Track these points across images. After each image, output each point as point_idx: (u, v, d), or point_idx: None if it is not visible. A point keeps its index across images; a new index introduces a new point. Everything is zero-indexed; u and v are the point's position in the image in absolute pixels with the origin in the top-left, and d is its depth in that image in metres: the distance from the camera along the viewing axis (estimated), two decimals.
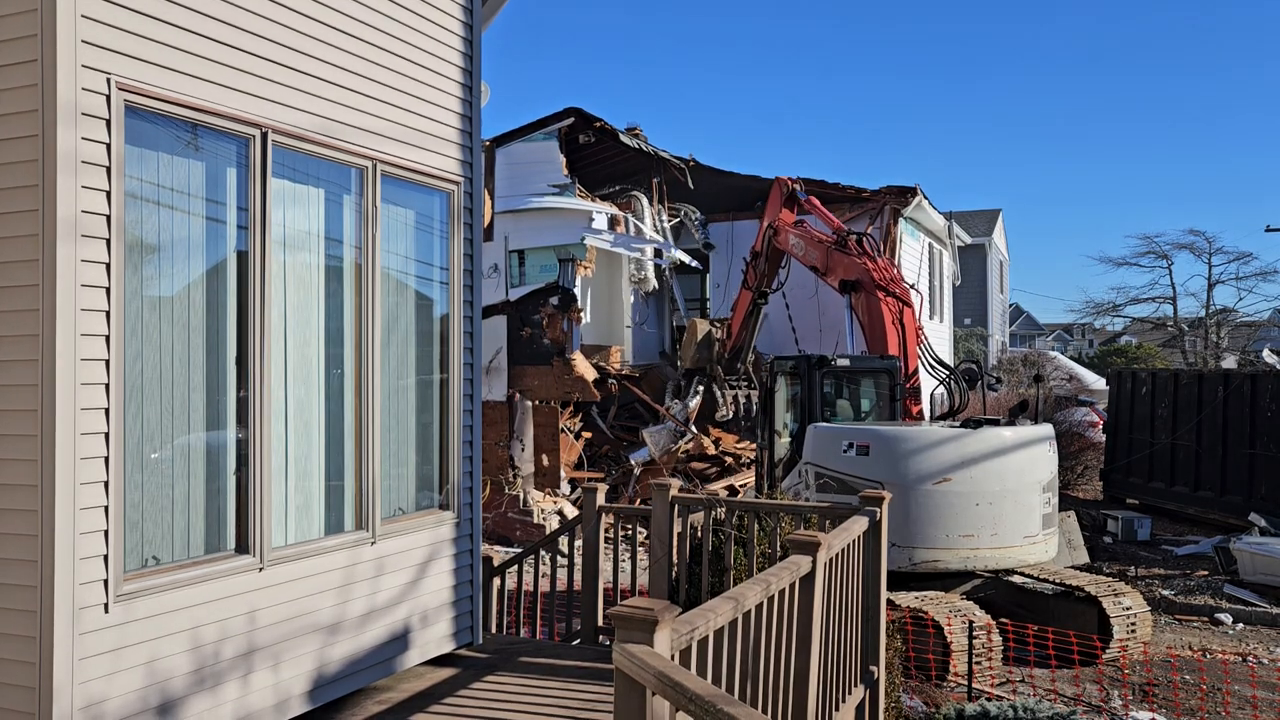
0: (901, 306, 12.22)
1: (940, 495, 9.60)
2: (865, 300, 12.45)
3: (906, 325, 12.16)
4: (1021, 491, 9.86)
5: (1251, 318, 45.17)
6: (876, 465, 9.80)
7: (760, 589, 3.86)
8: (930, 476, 9.64)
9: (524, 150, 18.80)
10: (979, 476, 9.69)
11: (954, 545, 9.63)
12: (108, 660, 4.14)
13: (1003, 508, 9.72)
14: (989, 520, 9.67)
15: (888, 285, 12.36)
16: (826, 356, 11.47)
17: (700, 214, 22.03)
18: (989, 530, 9.68)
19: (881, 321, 12.12)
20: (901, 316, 12.17)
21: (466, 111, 6.37)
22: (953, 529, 9.62)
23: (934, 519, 9.55)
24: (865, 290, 12.45)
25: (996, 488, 9.72)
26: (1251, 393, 15.53)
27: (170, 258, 4.60)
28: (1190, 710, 8.34)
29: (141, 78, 4.27)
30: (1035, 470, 10.03)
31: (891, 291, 12.29)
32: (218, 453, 4.79)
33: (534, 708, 5.36)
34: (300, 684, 5.08)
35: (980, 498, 9.66)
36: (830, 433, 10.45)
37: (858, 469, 9.88)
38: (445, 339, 6.29)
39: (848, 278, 12.79)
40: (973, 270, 37.82)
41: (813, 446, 10.55)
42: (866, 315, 12.42)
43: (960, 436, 9.80)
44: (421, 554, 5.97)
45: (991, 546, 9.71)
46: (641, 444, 17.38)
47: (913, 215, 21.86)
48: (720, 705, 2.56)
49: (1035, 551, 10.01)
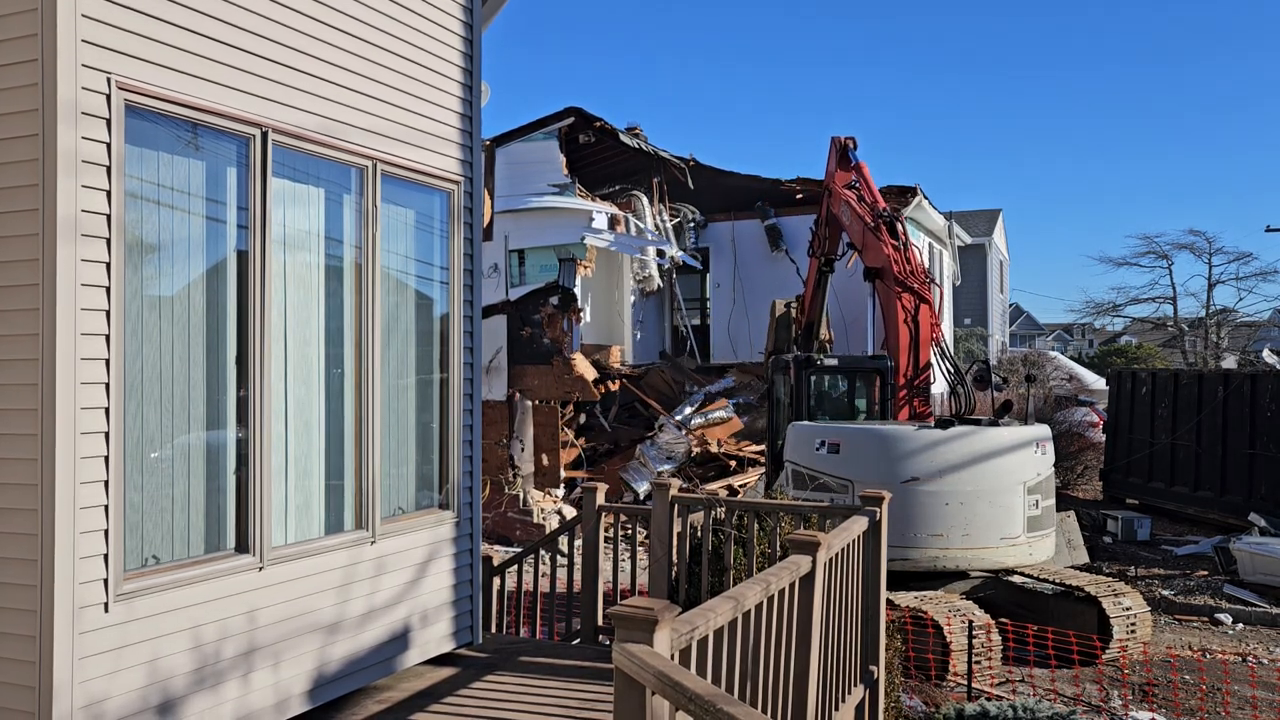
0: (918, 302, 12.08)
1: (909, 494, 9.60)
2: (884, 293, 12.35)
3: (922, 322, 12.01)
4: (999, 493, 9.78)
5: (1251, 318, 45.18)
6: (846, 463, 9.87)
7: (760, 588, 3.86)
8: (898, 475, 9.64)
9: (524, 150, 18.81)
10: (949, 476, 9.68)
11: (921, 544, 9.63)
12: (108, 659, 4.14)
13: (975, 508, 9.68)
14: (960, 520, 9.64)
15: (906, 279, 12.21)
16: (813, 356, 11.55)
17: (700, 214, 22.00)
18: (960, 530, 9.65)
19: (895, 318, 12.03)
20: (917, 313, 12.05)
21: (467, 111, 6.37)
22: (920, 528, 9.62)
23: (902, 517, 9.52)
24: (885, 282, 12.34)
25: (969, 488, 9.69)
26: (1251, 393, 15.54)
27: (170, 257, 4.60)
28: (1190, 710, 8.34)
29: (142, 77, 4.27)
30: (1018, 471, 9.95)
31: (910, 287, 12.13)
32: (218, 452, 4.79)
33: (534, 707, 5.36)
34: (300, 683, 5.08)
35: (950, 497, 9.64)
36: (807, 431, 10.58)
37: (829, 466, 9.98)
38: (445, 338, 6.29)
39: (873, 265, 12.63)
40: (973, 270, 37.84)
41: (792, 445, 10.68)
42: (885, 309, 12.33)
43: (932, 436, 9.80)
44: (421, 553, 5.98)
45: (962, 547, 9.68)
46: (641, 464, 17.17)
47: (913, 215, 21.87)
48: (720, 705, 2.56)
49: (1016, 554, 9.89)
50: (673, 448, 17.37)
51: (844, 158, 15.00)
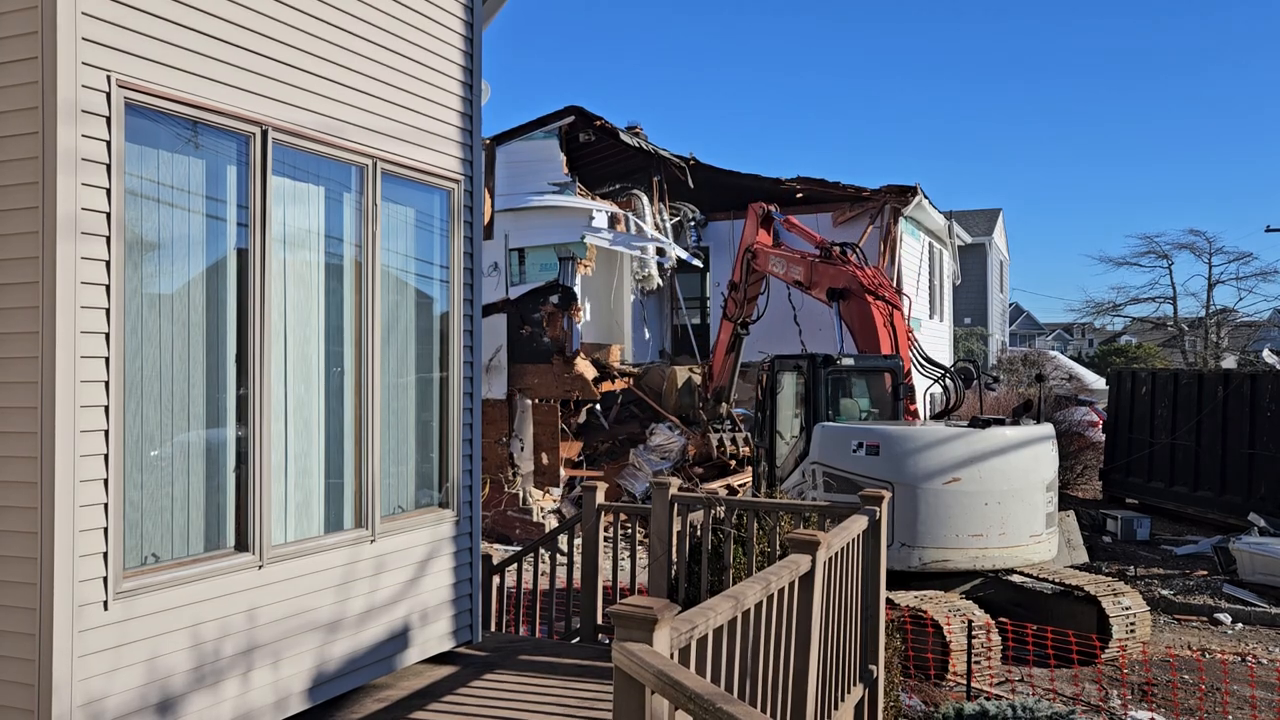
0: (890, 309, 12.28)
1: (950, 495, 9.62)
2: (855, 306, 12.47)
3: (897, 327, 12.23)
4: (1027, 490, 9.88)
5: (1251, 318, 45.11)
6: (886, 464, 9.81)
7: (760, 587, 3.86)
8: (939, 476, 9.65)
9: (524, 148, 18.79)
10: (987, 476, 9.71)
11: (963, 545, 9.65)
12: (108, 657, 4.14)
13: (1010, 507, 9.74)
14: (997, 520, 9.69)
15: (876, 289, 12.41)
16: (832, 355, 11.49)
17: (700, 213, 21.99)
18: (997, 530, 9.70)
19: (873, 324, 12.16)
20: (892, 319, 12.24)
21: (467, 110, 6.37)
22: (962, 529, 9.64)
23: (943, 519, 9.57)
24: (854, 296, 12.49)
25: (1004, 487, 9.74)
26: (1251, 393, 15.53)
27: (170, 255, 4.60)
28: (1189, 710, 8.34)
29: (142, 75, 4.27)
30: (1040, 469, 10.06)
31: (880, 295, 12.33)
32: (217, 450, 4.79)
33: (533, 705, 5.36)
34: (300, 681, 5.08)
35: (989, 497, 9.68)
36: (839, 432, 10.45)
37: (867, 469, 9.89)
38: (445, 337, 6.29)
39: (835, 285, 12.81)
40: (973, 270, 37.82)
41: (820, 446, 10.55)
42: (858, 320, 12.43)
43: (968, 436, 9.81)
44: (421, 552, 5.98)
45: (1000, 546, 9.74)
46: (636, 469, 17.16)
47: (913, 214, 21.85)
48: (720, 704, 2.56)
49: (1040, 550, 10.04)
50: (667, 449, 17.36)
51: (767, 220, 15.45)
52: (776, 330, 16.66)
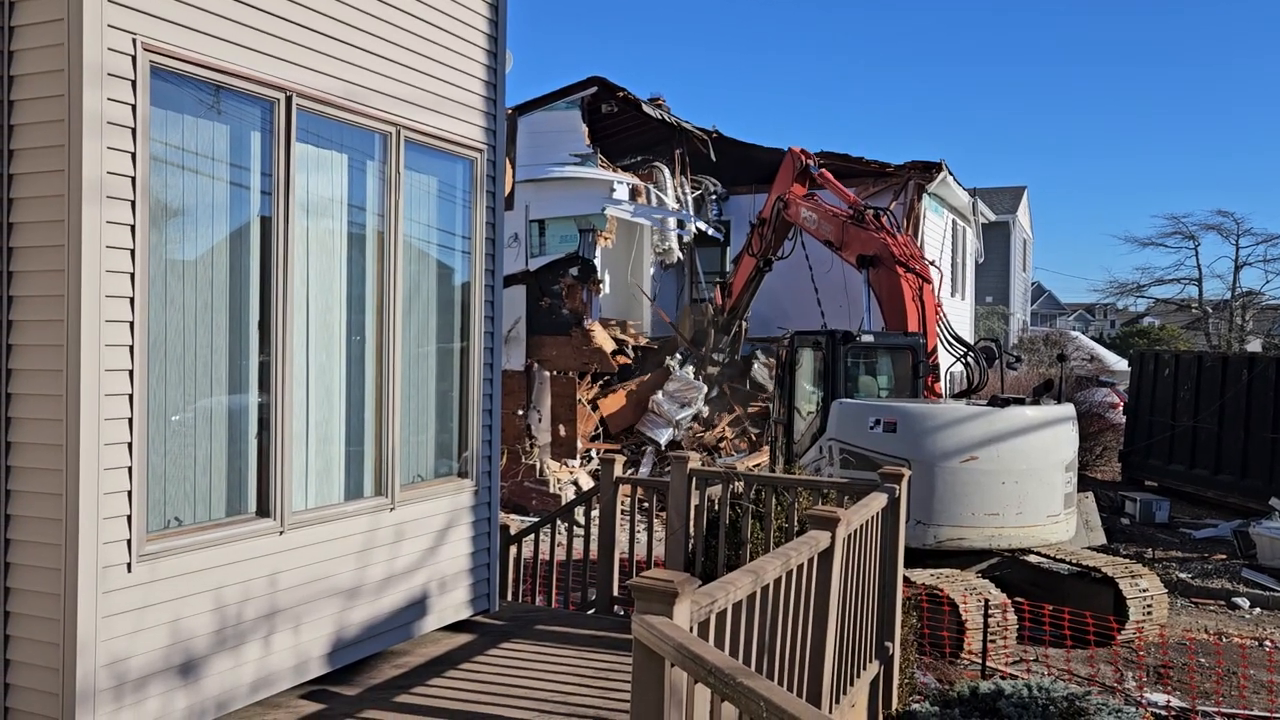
0: (921, 283, 12.14)
1: (966, 473, 9.58)
2: (885, 277, 12.35)
3: (926, 302, 12.09)
4: (1046, 470, 9.84)
5: (1278, 301, 44.57)
6: (903, 442, 9.77)
7: (779, 563, 3.86)
8: (957, 454, 9.61)
9: (546, 119, 18.71)
10: (1005, 455, 9.66)
11: (979, 524, 9.62)
12: (131, 619, 4.18)
13: (1028, 486, 9.70)
14: (1014, 499, 9.65)
15: (907, 261, 12.26)
16: (851, 332, 11.43)
17: (722, 187, 21.85)
18: (1014, 509, 9.66)
19: (901, 297, 12.04)
20: (921, 293, 12.10)
21: (491, 79, 6.32)
22: (978, 507, 9.61)
23: (960, 497, 9.54)
24: (884, 265, 12.34)
25: (1023, 466, 9.70)
26: (1276, 377, 15.37)
27: (194, 221, 4.60)
28: (1205, 693, 8.32)
29: (167, 39, 4.25)
30: (1059, 449, 10.00)
31: (911, 267, 12.20)
32: (239, 416, 4.81)
33: (549, 674, 5.39)
34: (320, 646, 5.12)
35: (1006, 476, 9.64)
36: (857, 409, 10.41)
37: (884, 445, 9.87)
38: (466, 307, 6.28)
39: (865, 252, 12.67)
40: (996, 248, 37.48)
41: (838, 422, 10.53)
42: (886, 292, 12.33)
43: (987, 415, 9.76)
44: (440, 521, 6.00)
45: (1016, 525, 9.70)
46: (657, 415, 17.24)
47: (937, 191, 21.63)
48: (740, 678, 2.56)
49: (1058, 531, 10.01)
50: (686, 395, 17.31)
51: (804, 174, 15.37)
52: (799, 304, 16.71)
